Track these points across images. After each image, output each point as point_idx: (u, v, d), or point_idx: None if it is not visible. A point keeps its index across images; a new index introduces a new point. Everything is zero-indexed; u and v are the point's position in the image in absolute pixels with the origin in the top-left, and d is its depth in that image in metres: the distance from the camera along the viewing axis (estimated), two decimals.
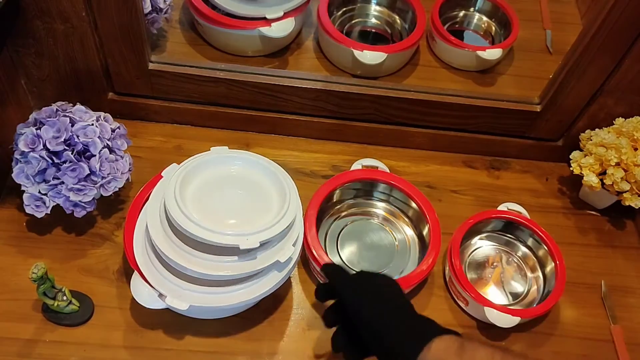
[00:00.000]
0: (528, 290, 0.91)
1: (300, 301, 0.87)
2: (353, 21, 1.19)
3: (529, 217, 0.95)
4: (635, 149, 0.93)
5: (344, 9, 1.19)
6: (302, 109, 1.02)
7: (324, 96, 0.99)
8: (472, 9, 1.22)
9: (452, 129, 1.03)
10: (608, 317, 0.91)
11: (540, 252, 0.93)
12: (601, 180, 0.95)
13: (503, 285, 0.92)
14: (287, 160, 1.02)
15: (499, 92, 1.12)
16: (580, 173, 0.96)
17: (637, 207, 0.94)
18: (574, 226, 1.02)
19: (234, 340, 0.82)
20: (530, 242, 0.94)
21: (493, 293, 0.91)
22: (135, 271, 0.76)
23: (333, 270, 0.73)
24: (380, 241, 0.93)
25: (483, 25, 1.21)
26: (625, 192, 0.94)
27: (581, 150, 0.99)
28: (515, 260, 0.95)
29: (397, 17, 1.19)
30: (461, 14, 1.22)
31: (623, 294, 0.94)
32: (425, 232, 0.91)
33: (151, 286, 0.75)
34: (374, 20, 1.20)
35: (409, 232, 0.95)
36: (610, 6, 0.83)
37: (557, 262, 0.89)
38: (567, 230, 1.01)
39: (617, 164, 0.93)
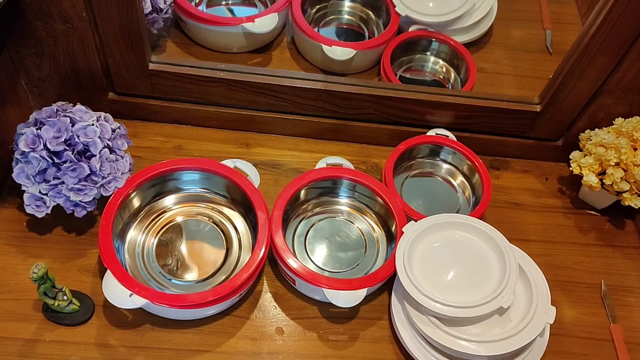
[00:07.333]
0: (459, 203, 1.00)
1: (300, 302, 0.87)
2: (327, 18, 1.19)
3: (455, 140, 1.01)
4: (635, 149, 0.93)
5: (318, 6, 1.19)
6: (302, 109, 1.02)
7: (324, 96, 0.99)
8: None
9: (452, 128, 1.03)
10: (608, 317, 0.91)
11: (465, 167, 1.00)
12: (601, 180, 0.95)
13: None
14: (287, 160, 1.03)
15: (499, 92, 1.12)
16: (580, 173, 0.96)
17: (636, 207, 0.94)
18: (574, 226, 1.02)
19: (234, 340, 0.82)
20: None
21: None
22: (108, 270, 0.76)
23: None
24: (348, 239, 0.93)
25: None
26: (625, 192, 0.94)
27: (581, 150, 1.00)
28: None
29: (370, 13, 1.19)
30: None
31: (623, 293, 0.94)
32: (392, 226, 0.91)
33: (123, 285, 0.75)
34: (347, 17, 1.20)
35: (376, 227, 0.95)
36: (610, 6, 0.83)
37: (482, 174, 0.96)
38: (567, 230, 1.01)
39: (617, 164, 0.93)
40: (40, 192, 0.81)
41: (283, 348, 0.83)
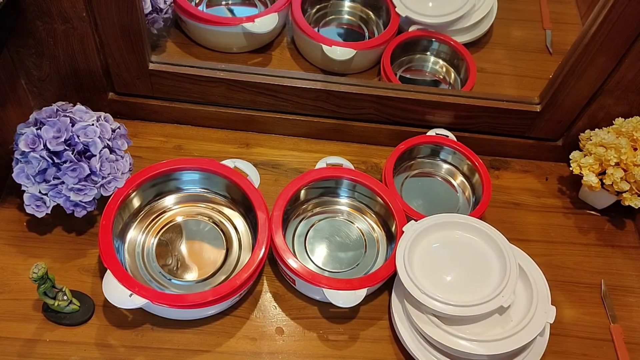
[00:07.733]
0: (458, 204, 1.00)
1: (300, 302, 0.87)
2: (327, 18, 1.19)
3: (455, 140, 1.01)
4: (635, 149, 0.93)
5: (318, 6, 1.19)
6: (302, 109, 1.02)
7: (324, 96, 0.99)
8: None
9: (452, 128, 1.03)
10: (608, 317, 0.91)
11: (465, 167, 1.01)
12: (601, 180, 0.95)
13: None
14: (287, 160, 1.03)
15: (499, 92, 1.12)
16: (580, 173, 0.96)
17: (636, 207, 0.94)
18: (574, 226, 1.02)
19: (234, 340, 0.82)
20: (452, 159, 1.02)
21: None
22: (108, 270, 0.77)
23: None
24: (348, 239, 0.93)
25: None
26: (625, 192, 0.94)
27: (581, 150, 1.00)
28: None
29: (370, 13, 1.19)
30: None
31: (623, 293, 0.94)
32: (392, 226, 0.91)
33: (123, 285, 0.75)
34: (347, 17, 1.20)
35: (376, 227, 0.95)
36: (610, 6, 0.83)
37: (482, 174, 0.96)
38: (567, 230, 1.01)
39: (617, 164, 0.93)
40: (40, 192, 0.81)
41: (283, 348, 0.83)
